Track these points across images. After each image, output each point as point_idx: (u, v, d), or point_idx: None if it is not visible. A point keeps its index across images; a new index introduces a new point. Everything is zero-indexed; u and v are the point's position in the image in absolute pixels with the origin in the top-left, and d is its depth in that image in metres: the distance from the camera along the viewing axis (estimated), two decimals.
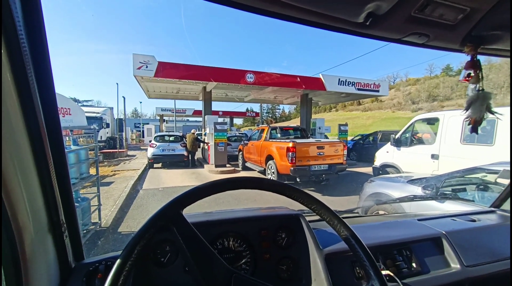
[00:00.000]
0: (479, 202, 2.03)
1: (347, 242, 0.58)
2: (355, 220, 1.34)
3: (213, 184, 0.58)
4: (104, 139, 16.12)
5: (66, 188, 0.66)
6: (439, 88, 46.92)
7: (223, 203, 4.78)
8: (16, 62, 0.49)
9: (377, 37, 0.70)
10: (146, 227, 0.54)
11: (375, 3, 0.55)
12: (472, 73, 0.73)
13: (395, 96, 54.58)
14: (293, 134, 8.69)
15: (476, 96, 0.71)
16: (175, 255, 0.79)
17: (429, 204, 2.14)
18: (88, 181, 3.74)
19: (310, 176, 6.30)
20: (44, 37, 0.56)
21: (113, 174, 8.34)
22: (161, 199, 5.59)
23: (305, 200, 0.60)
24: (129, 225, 4.03)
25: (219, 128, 9.74)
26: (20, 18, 0.50)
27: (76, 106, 11.53)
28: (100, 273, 0.69)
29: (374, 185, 3.16)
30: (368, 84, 13.17)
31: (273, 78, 11.45)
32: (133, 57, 9.37)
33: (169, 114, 29.55)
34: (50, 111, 0.59)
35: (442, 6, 0.57)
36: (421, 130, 6.04)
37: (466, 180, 2.52)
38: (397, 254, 0.91)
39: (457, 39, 0.69)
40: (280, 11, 0.59)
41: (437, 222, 1.12)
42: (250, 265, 0.86)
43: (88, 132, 4.58)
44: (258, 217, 0.93)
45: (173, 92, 15.11)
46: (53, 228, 0.63)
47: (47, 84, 0.58)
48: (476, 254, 0.96)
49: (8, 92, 0.49)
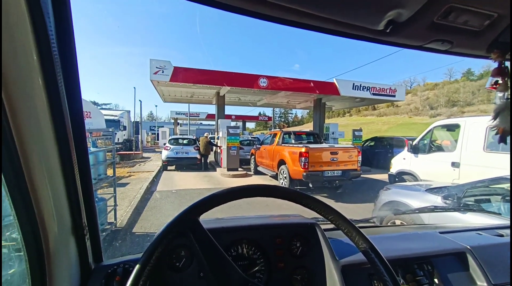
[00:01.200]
0: (506, 215, 1.91)
1: (366, 255, 0.57)
2: (372, 230, 1.30)
3: (229, 192, 0.58)
4: (121, 141, 16.68)
5: (89, 190, 0.68)
6: (459, 93, 45.05)
7: (235, 207, 4.78)
8: (47, 67, 0.52)
9: (397, 44, 0.68)
10: (164, 232, 0.55)
11: (396, 10, 0.54)
12: (500, 80, 0.69)
13: (412, 101, 52.94)
14: (306, 139, 8.61)
15: (504, 104, 0.67)
16: (190, 260, 0.79)
17: (450, 215, 2.04)
18: (105, 182, 3.87)
19: (323, 182, 6.20)
20: (73, 44, 0.58)
21: (128, 175, 8.59)
22: (174, 201, 5.68)
23: (322, 210, 0.59)
24: (143, 226, 4.12)
25: (231, 132, 9.82)
26: (52, 25, 0.52)
27: (96, 109, 12.04)
28: (118, 276, 0.70)
29: (390, 193, 3.05)
30: (383, 89, 12.87)
31: (286, 83, 11.44)
32: (150, 62, 9.68)
33: (183, 117, 30.23)
34: (76, 116, 0.61)
35: (466, 12, 0.55)
36: (441, 137, 5.81)
37: (491, 191, 2.38)
38: (418, 268, 0.87)
39: (482, 45, 0.66)
40: (298, 19, 0.59)
41: (461, 236, 1.06)
42: (264, 274, 0.85)
43: (106, 134, 4.75)
44: (273, 225, 0.93)
45: (187, 96, 15.43)
46: (76, 229, 0.65)
47: (74, 89, 0.60)
48: (504, 271, 0.90)
49: (39, 96, 0.51)
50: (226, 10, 0.57)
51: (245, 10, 0.57)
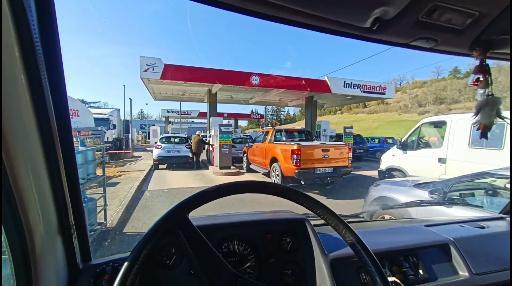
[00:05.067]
0: (488, 208, 1.99)
1: (353, 248, 0.58)
2: (361, 225, 1.32)
3: (218, 188, 0.58)
4: (110, 140, 16.35)
5: (76, 189, 0.67)
6: (446, 91, 46.18)
7: (227, 205, 4.79)
8: (30, 64, 0.50)
9: (384, 41, 0.70)
10: (153, 230, 0.54)
11: (382, 8, 0.55)
12: (481, 77, 0.72)
13: (401, 98, 53.97)
14: (298, 137, 8.67)
15: (485, 101, 0.70)
16: (181, 258, 0.79)
17: (436, 209, 2.11)
18: (94, 182, 3.79)
19: (314, 179, 6.27)
20: (57, 40, 0.56)
21: (119, 174, 8.44)
22: (165, 200, 5.63)
23: (310, 205, 0.60)
24: (134, 226, 4.07)
25: (224, 130, 9.78)
26: (35, 21, 0.51)
27: (84, 108, 11.74)
28: (107, 275, 0.70)
29: (379, 189, 3.12)
30: (374, 87, 13.07)
31: (278, 80, 11.46)
32: (140, 59, 9.51)
33: (174, 115, 29.83)
34: (62, 114, 0.60)
35: (450, 10, 0.56)
36: (428, 134, 5.97)
37: (475, 185, 2.47)
38: (404, 260, 0.89)
39: (465, 43, 0.69)
40: (287, 16, 0.60)
41: (445, 228, 1.10)
42: (255, 269, 0.86)
43: (95, 133, 4.64)
44: (263, 221, 0.93)
45: (178, 94, 15.26)
46: (63, 229, 0.64)
47: (59, 87, 0.59)
48: (485, 262, 0.94)
49: (22, 94, 0.50)
50: (217, 6, 0.57)
51: (235, 7, 0.57)
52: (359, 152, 13.73)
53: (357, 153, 13.34)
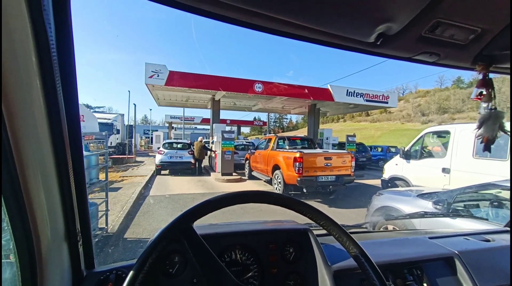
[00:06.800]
0: (493, 220, 1.96)
1: (356, 260, 0.58)
2: (364, 236, 1.31)
3: (223, 198, 0.59)
4: (114, 145, 16.46)
5: (83, 196, 0.68)
6: (449, 101, 46.15)
7: (229, 211, 4.75)
8: (45, 72, 0.52)
9: (387, 55, 0.71)
10: (158, 239, 0.55)
11: (386, 24, 0.56)
12: (484, 91, 0.72)
13: (404, 107, 53.95)
14: (300, 144, 8.66)
15: (488, 115, 0.70)
16: (184, 266, 0.79)
17: (441, 220, 2.08)
18: (97, 186, 3.80)
19: (317, 187, 6.23)
20: (71, 48, 0.58)
21: (121, 179, 8.46)
22: (167, 206, 5.62)
23: (314, 216, 0.60)
24: (135, 232, 4.05)
25: (226, 136, 9.81)
26: (53, 30, 0.52)
27: (89, 113, 11.89)
28: (110, 282, 0.70)
29: (382, 198, 3.09)
30: (376, 96, 13.11)
31: (281, 88, 11.55)
32: (146, 66, 9.67)
33: (177, 121, 30.06)
34: (73, 120, 0.61)
35: (453, 27, 0.58)
36: (431, 143, 5.93)
37: (479, 196, 2.44)
38: (408, 273, 0.88)
39: (468, 58, 0.70)
40: (293, 31, 0.61)
41: (449, 241, 1.08)
42: (257, 279, 0.85)
43: (99, 137, 4.69)
44: (266, 231, 0.93)
45: (182, 100, 15.40)
46: (69, 235, 0.64)
47: (71, 94, 0.60)
48: (491, 276, 0.92)
49: (37, 100, 0.51)
50: (223, 21, 0.58)
51: (241, 22, 0.59)
52: (361, 160, 13.67)
53: (360, 162, 13.25)
